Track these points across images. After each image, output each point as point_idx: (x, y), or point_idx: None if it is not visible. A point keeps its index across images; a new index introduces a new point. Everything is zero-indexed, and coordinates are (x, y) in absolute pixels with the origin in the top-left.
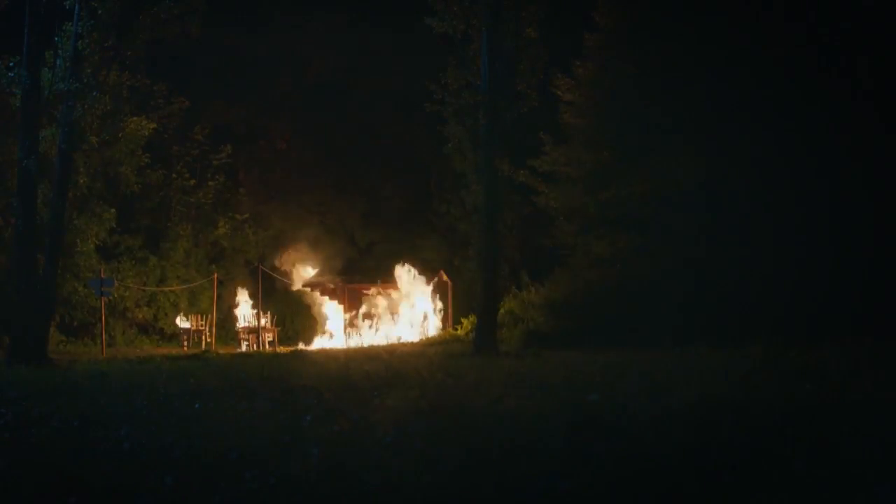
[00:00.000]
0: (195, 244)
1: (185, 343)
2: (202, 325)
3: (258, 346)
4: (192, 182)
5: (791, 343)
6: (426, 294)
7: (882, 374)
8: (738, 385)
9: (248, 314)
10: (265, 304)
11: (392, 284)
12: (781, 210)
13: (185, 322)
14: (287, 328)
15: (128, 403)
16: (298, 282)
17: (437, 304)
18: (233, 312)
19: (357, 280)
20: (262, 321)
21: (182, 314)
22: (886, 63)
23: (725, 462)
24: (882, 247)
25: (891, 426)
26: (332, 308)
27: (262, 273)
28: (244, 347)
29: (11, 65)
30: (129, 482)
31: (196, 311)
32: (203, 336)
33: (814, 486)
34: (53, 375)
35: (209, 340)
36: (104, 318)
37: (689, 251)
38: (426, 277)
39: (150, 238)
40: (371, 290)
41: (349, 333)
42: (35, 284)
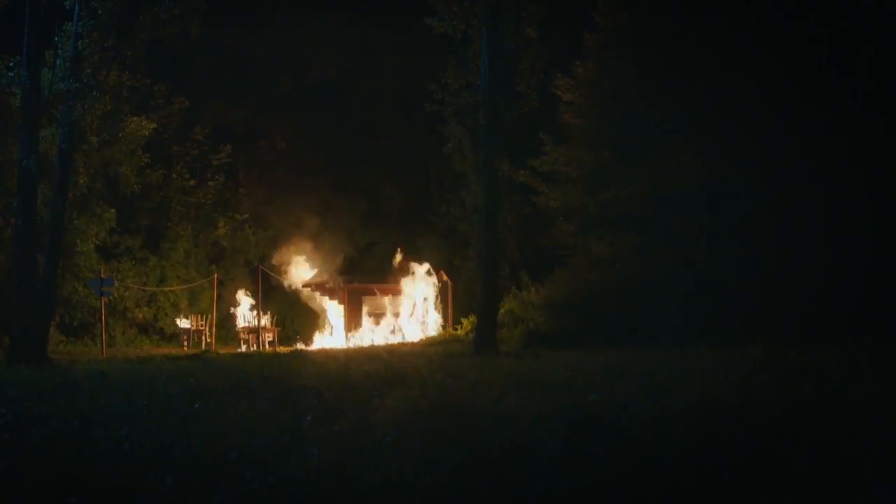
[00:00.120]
0: (195, 244)
1: (185, 343)
2: (202, 325)
3: (258, 346)
4: (192, 182)
5: (791, 343)
6: (427, 294)
7: (882, 374)
8: (738, 385)
9: (248, 314)
10: (265, 304)
11: (392, 284)
12: (781, 210)
13: (185, 322)
14: (287, 328)
15: (128, 403)
16: (298, 282)
17: (438, 304)
18: (233, 312)
19: (357, 280)
20: (262, 321)
21: (182, 314)
22: (886, 63)
23: (725, 462)
24: (882, 247)
25: (891, 426)
26: (333, 307)
27: (262, 273)
28: (244, 347)
29: (11, 65)
30: (129, 482)
31: (196, 311)
32: (203, 336)
33: (814, 486)
34: (53, 375)
35: (209, 340)
36: (104, 318)
37: (689, 251)
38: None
39: (150, 238)
40: (371, 290)
41: (349, 336)
42: (35, 284)
